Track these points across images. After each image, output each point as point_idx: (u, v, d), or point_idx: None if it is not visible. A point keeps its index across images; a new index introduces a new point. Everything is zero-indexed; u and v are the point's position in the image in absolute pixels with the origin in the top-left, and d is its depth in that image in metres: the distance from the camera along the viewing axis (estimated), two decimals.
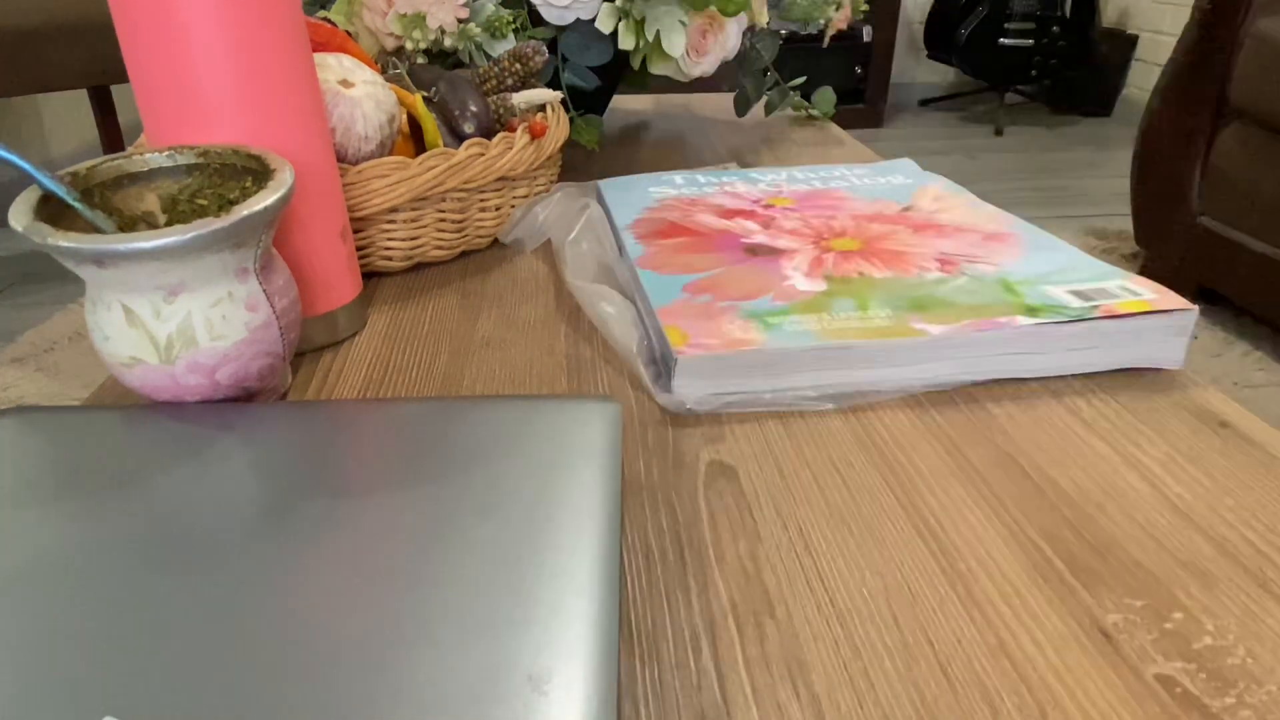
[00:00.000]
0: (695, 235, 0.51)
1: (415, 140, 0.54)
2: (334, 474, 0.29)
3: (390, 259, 0.51)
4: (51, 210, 0.33)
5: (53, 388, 0.40)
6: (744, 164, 0.75)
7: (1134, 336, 0.40)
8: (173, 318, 0.32)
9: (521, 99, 0.58)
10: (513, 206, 0.56)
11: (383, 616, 0.23)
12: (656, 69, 0.70)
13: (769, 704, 0.24)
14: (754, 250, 0.48)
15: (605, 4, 0.64)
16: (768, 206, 0.55)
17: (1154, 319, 0.39)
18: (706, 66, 0.71)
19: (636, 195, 0.58)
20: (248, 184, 0.37)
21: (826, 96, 0.90)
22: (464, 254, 0.56)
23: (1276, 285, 1.41)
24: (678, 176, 0.62)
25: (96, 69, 1.64)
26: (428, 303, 0.49)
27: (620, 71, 0.74)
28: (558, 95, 0.60)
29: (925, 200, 0.56)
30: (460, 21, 0.62)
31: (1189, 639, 0.26)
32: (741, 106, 0.86)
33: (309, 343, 0.44)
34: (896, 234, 0.50)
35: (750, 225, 0.52)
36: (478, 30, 0.62)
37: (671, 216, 0.54)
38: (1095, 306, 0.40)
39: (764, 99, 0.87)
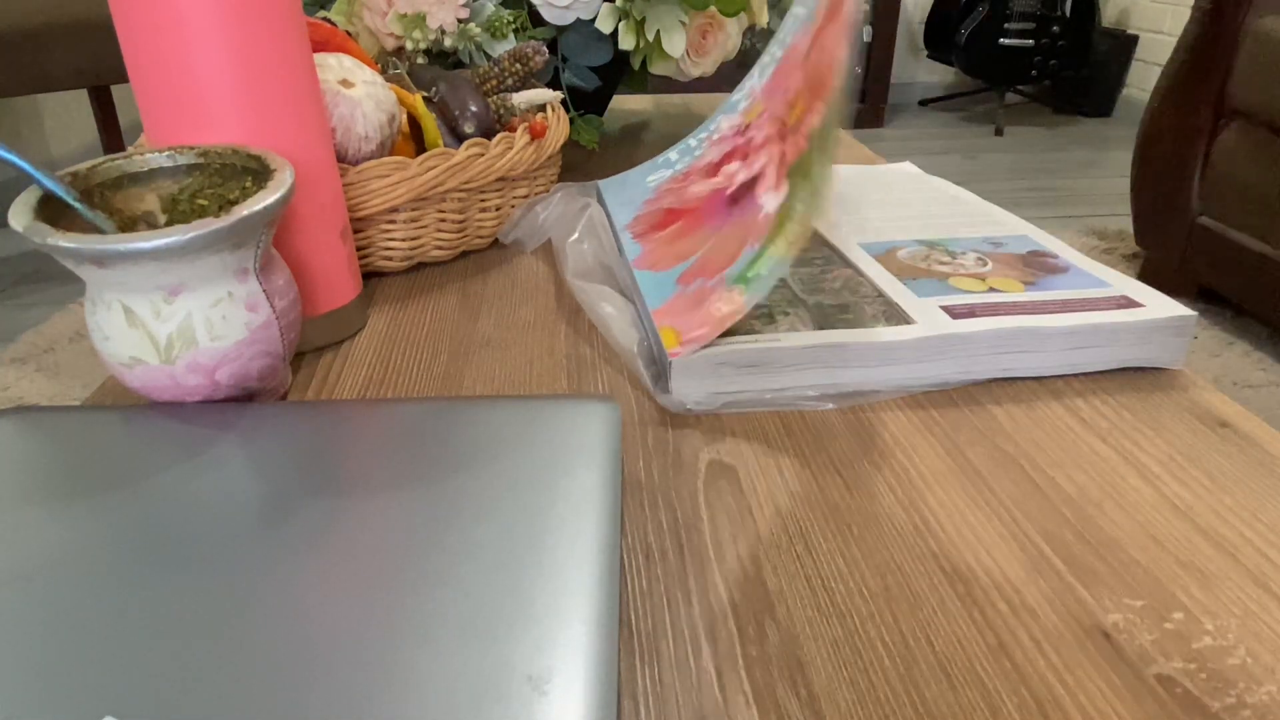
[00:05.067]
0: (687, 216, 0.49)
1: (415, 140, 0.54)
2: (334, 474, 0.29)
3: (390, 259, 0.51)
4: (51, 210, 0.33)
5: (53, 388, 0.40)
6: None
7: (1134, 337, 0.40)
8: (173, 318, 0.32)
9: (521, 99, 0.57)
10: (513, 206, 0.56)
11: (383, 617, 0.23)
12: (656, 69, 0.70)
13: (769, 704, 0.24)
14: (736, 199, 0.46)
15: (605, 4, 0.64)
16: (745, 129, 0.52)
17: (1154, 322, 0.39)
18: (706, 66, 0.71)
19: (635, 190, 0.57)
20: (248, 184, 0.37)
21: None
22: (464, 254, 0.56)
23: (1276, 285, 1.41)
24: (672, 153, 0.59)
25: (96, 69, 1.64)
26: (428, 303, 0.49)
27: (620, 71, 0.74)
28: (558, 95, 0.60)
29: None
30: (460, 21, 0.62)
31: (1189, 639, 0.26)
32: None
33: (309, 343, 0.44)
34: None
35: (734, 167, 0.49)
36: (478, 30, 0.62)
37: (667, 202, 0.53)
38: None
39: None
